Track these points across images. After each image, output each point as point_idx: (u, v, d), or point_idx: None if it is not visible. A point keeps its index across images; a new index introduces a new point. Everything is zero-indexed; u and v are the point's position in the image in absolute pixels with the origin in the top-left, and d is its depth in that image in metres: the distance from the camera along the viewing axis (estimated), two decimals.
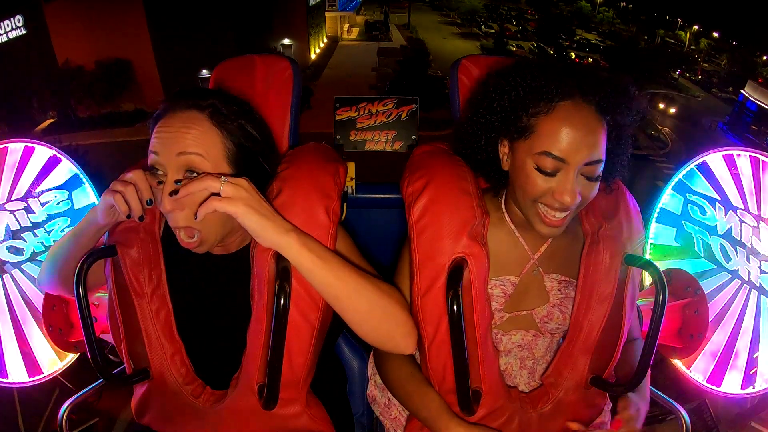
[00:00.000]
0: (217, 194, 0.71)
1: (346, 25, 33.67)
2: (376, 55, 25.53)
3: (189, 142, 0.76)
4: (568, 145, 0.75)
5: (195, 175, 0.77)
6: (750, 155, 1.10)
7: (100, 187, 1.23)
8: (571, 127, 0.75)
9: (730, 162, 1.12)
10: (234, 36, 17.06)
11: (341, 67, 24.60)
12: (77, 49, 15.08)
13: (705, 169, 1.16)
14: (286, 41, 22.58)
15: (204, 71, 17.15)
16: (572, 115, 0.76)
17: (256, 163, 0.84)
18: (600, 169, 0.78)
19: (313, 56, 25.41)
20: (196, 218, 0.73)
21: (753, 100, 17.94)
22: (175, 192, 0.73)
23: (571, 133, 0.75)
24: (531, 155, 0.78)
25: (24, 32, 13.43)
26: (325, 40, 29.58)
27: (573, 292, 0.90)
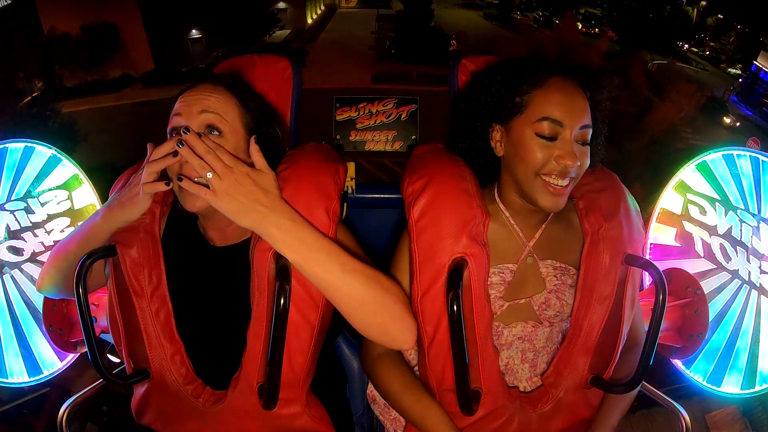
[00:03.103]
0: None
1: None
2: (376, 20, 24.93)
3: (210, 103, 0.83)
4: (563, 109, 0.81)
5: (215, 133, 0.82)
6: (750, 155, 1.10)
7: (100, 187, 1.23)
8: (564, 93, 0.83)
9: (730, 162, 1.13)
10: None
11: (339, 31, 24.27)
12: (63, 16, 14.72)
13: (705, 169, 1.16)
14: (282, 5, 22.28)
15: (193, 31, 16.92)
16: (563, 85, 0.84)
17: (269, 136, 0.90)
18: (590, 134, 0.85)
19: (309, 21, 25.29)
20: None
21: (767, 70, 17.59)
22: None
23: (564, 98, 0.82)
24: (529, 125, 0.83)
25: (8, 2, 13.09)
26: (323, 8, 29.28)
27: (569, 280, 0.91)
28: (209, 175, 0.74)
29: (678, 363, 1.17)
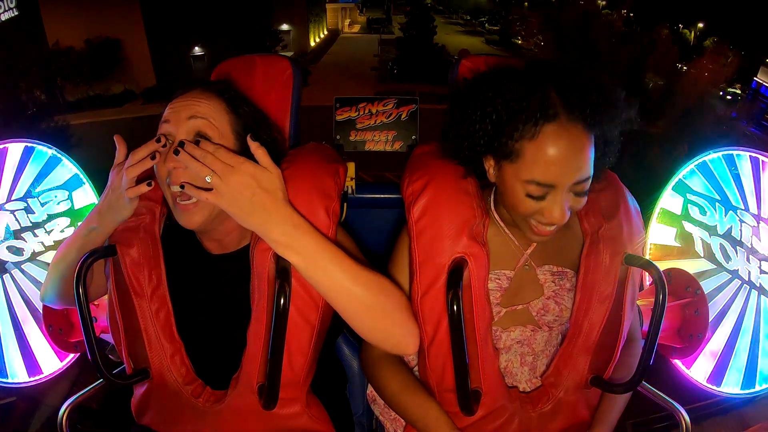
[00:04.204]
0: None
1: (348, 20, 33.86)
2: (378, 44, 25.29)
3: (199, 109, 0.81)
4: (556, 171, 0.73)
5: (204, 139, 0.79)
6: (750, 155, 1.10)
7: (101, 187, 1.23)
8: (558, 151, 0.72)
9: (730, 162, 1.12)
10: (229, 14, 16.48)
11: (342, 54, 24.67)
12: (68, 30, 14.68)
13: (705, 169, 1.15)
14: (285, 26, 22.39)
15: (196, 48, 16.96)
16: (559, 138, 0.72)
17: (261, 141, 0.85)
18: (589, 184, 0.77)
19: (312, 44, 25.71)
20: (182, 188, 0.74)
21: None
22: (177, 152, 0.73)
23: (558, 158, 0.72)
24: (519, 181, 0.77)
25: (16, 14, 13.07)
26: (326, 32, 29.84)
27: (568, 283, 0.90)
28: (208, 178, 0.72)
29: (678, 363, 1.17)
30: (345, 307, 0.78)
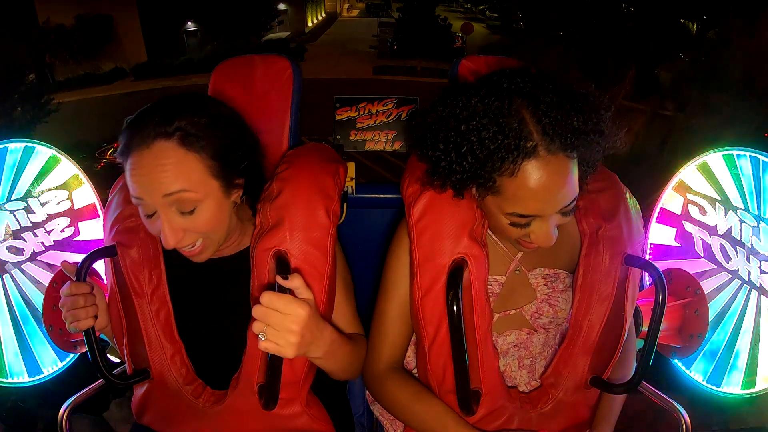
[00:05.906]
0: None
1: (346, 4, 34.23)
2: (378, 27, 25.03)
3: (169, 181, 0.72)
4: (539, 204, 0.72)
5: (187, 214, 0.76)
6: (750, 155, 1.10)
7: (100, 186, 1.23)
8: (541, 185, 0.70)
9: (730, 162, 1.12)
10: None
11: (340, 35, 24.78)
12: (59, 7, 14.42)
13: (705, 169, 1.15)
14: (282, 6, 22.35)
15: (189, 23, 16.73)
16: (540, 172, 0.69)
17: (241, 165, 0.81)
18: (574, 203, 0.75)
19: (309, 24, 25.97)
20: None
21: None
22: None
23: (541, 191, 0.70)
24: (502, 213, 0.76)
25: None
26: (324, 14, 30.16)
27: (561, 285, 0.90)
28: (262, 336, 0.70)
29: (678, 363, 1.17)
30: (331, 372, 0.89)
